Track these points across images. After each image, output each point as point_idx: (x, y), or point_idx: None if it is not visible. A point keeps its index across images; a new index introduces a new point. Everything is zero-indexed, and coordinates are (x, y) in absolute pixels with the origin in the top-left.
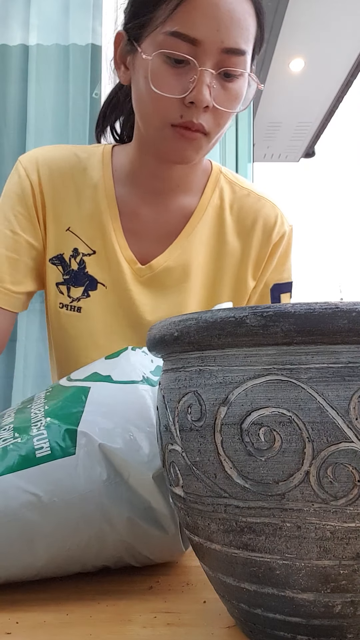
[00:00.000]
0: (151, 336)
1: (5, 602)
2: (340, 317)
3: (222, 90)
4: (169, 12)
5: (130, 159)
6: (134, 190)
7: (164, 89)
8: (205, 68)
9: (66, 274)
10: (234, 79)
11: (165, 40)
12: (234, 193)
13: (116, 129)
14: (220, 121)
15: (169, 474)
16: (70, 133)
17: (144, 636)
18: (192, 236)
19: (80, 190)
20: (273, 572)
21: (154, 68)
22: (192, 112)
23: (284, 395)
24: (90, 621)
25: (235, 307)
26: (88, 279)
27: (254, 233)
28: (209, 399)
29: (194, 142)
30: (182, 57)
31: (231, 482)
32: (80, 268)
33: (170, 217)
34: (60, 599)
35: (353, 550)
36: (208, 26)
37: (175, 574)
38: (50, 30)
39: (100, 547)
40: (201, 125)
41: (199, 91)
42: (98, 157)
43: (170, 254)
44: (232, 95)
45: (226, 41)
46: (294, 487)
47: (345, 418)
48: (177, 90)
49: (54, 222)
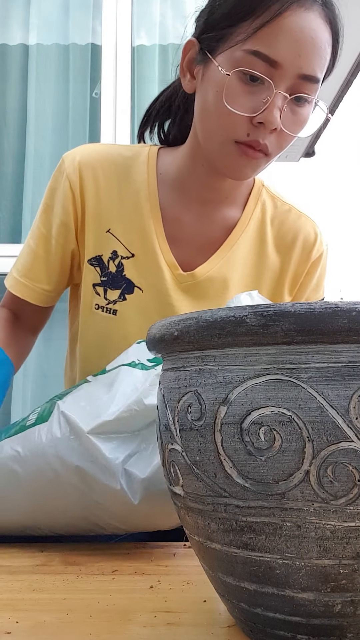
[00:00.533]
0: (151, 336)
1: (5, 602)
2: (340, 316)
3: (291, 114)
4: (253, 31)
5: (178, 165)
6: (179, 196)
7: (235, 106)
8: (280, 91)
9: (104, 275)
10: (304, 104)
11: (244, 57)
12: (275, 208)
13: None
14: (282, 144)
15: (169, 473)
16: (70, 133)
17: (144, 636)
18: (234, 248)
19: (123, 191)
20: (273, 572)
21: (229, 83)
22: (259, 132)
23: (284, 395)
24: (90, 621)
25: (235, 306)
26: (125, 282)
27: (294, 249)
28: (209, 398)
29: (254, 162)
30: (259, 76)
31: (231, 482)
32: (118, 271)
33: (213, 227)
34: (60, 599)
35: (353, 549)
36: (290, 50)
37: (175, 573)
38: (50, 30)
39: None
40: (265, 146)
41: (270, 113)
42: (143, 158)
43: (213, 264)
44: (299, 120)
45: (305, 67)
46: (294, 487)
47: (345, 417)
48: (249, 108)
49: (94, 223)
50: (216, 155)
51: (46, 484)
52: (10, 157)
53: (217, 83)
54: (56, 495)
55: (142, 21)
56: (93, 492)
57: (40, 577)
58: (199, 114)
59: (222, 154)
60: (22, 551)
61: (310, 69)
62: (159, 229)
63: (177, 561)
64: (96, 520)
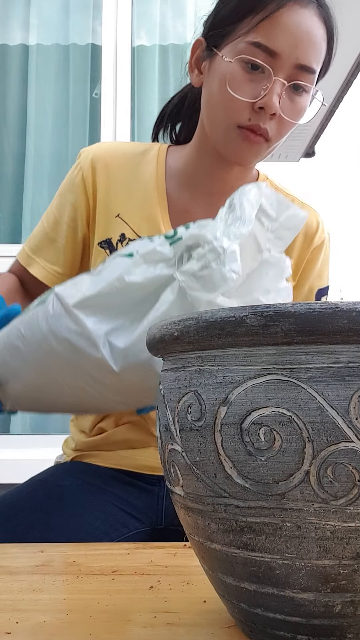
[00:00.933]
0: (151, 336)
1: (5, 603)
2: (340, 317)
3: (289, 102)
4: (254, 25)
5: (185, 159)
6: (185, 189)
7: (238, 92)
8: (278, 78)
9: None
10: (301, 93)
11: (246, 48)
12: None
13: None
14: (282, 130)
15: (169, 473)
16: (70, 133)
17: (144, 636)
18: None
19: (133, 181)
20: (273, 572)
21: (232, 71)
22: (259, 117)
23: (284, 395)
24: (90, 621)
25: (235, 307)
26: None
27: (297, 237)
28: (209, 398)
29: (255, 146)
30: (260, 64)
31: (231, 482)
32: None
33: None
34: (60, 599)
35: (353, 550)
36: (287, 42)
37: (175, 573)
38: (50, 30)
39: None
40: (266, 130)
41: (270, 98)
42: (153, 152)
43: None
44: (297, 108)
45: (301, 58)
46: (294, 487)
47: (345, 418)
48: (250, 94)
49: (105, 209)
50: (221, 142)
51: (44, 357)
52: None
53: (222, 73)
54: (55, 368)
55: (142, 21)
56: (83, 362)
57: (40, 577)
58: (205, 105)
59: (227, 140)
60: (22, 551)
61: (306, 59)
62: (166, 217)
63: (177, 561)
64: (93, 392)
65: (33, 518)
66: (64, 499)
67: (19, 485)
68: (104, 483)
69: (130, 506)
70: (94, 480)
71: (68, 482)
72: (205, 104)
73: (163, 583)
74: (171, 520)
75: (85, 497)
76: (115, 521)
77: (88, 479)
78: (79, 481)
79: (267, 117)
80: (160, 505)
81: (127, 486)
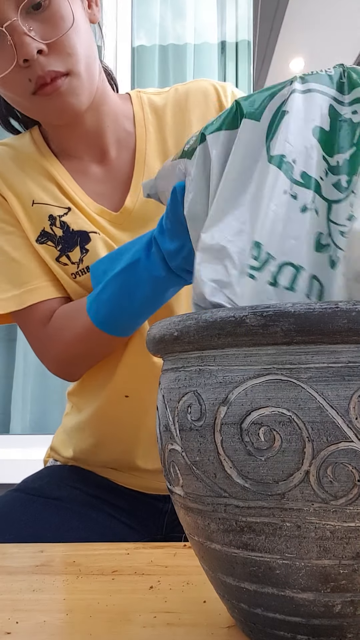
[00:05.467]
0: (151, 336)
1: (5, 603)
2: (340, 316)
3: (42, 24)
4: None
5: (51, 137)
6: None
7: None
8: (6, 22)
9: (57, 244)
10: (43, 7)
11: None
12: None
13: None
14: (65, 50)
15: (169, 473)
16: None
17: (144, 636)
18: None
19: (26, 168)
20: (273, 572)
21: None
22: (34, 68)
23: (284, 395)
24: (90, 621)
25: (235, 307)
26: (77, 235)
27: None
28: (209, 398)
29: (62, 90)
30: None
31: (231, 482)
32: (66, 230)
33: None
34: (60, 599)
35: (353, 549)
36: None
37: (175, 573)
38: None
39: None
40: (52, 71)
41: (20, 46)
42: (27, 138)
43: (136, 189)
44: (53, 22)
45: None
46: (294, 487)
47: (345, 418)
48: (5, 65)
49: (19, 206)
50: (38, 116)
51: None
52: None
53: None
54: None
55: (142, 21)
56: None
57: (40, 577)
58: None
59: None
60: (22, 551)
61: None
62: (75, 186)
63: (177, 561)
64: None
65: (26, 533)
66: (60, 513)
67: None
68: (103, 493)
69: (131, 517)
70: (92, 491)
71: (65, 492)
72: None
73: (163, 583)
74: (171, 530)
75: (83, 510)
76: (113, 536)
77: (86, 489)
78: (77, 492)
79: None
80: (162, 519)
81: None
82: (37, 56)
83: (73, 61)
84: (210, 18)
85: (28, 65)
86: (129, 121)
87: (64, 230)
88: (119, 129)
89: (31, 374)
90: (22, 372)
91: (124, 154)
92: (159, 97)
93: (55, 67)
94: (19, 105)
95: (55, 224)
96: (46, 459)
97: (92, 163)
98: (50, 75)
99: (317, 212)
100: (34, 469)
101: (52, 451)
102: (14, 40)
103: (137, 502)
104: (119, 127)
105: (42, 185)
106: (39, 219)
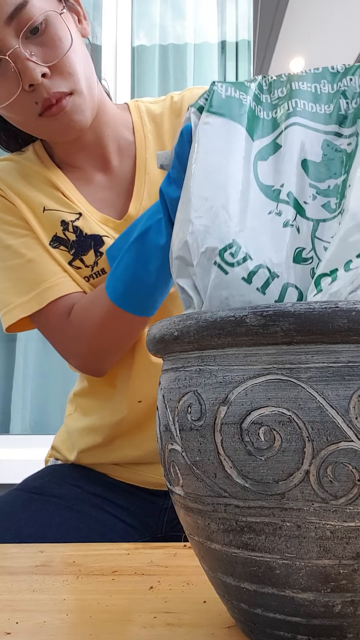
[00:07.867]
0: (151, 336)
1: (5, 603)
2: (340, 316)
3: (42, 48)
4: None
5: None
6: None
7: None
8: (9, 51)
9: (70, 248)
10: (41, 31)
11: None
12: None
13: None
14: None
15: (169, 473)
16: None
17: (144, 636)
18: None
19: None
20: (273, 572)
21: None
22: (39, 92)
23: (284, 395)
24: (90, 621)
25: (235, 307)
26: (91, 238)
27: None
28: (209, 398)
29: (68, 109)
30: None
31: (231, 482)
32: (78, 234)
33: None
34: (60, 599)
35: (353, 549)
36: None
37: (175, 574)
38: None
39: None
40: (57, 92)
41: (25, 71)
42: (30, 152)
43: (139, 196)
44: (52, 44)
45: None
46: (294, 487)
47: (345, 417)
48: (11, 90)
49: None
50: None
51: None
52: None
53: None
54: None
55: (142, 21)
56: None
57: (40, 577)
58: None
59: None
60: (22, 551)
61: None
62: (79, 196)
63: (177, 561)
64: None
65: (28, 532)
66: (61, 511)
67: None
68: (103, 491)
69: (131, 515)
70: (93, 489)
71: (66, 490)
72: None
73: (163, 583)
74: (171, 528)
75: (84, 508)
76: (113, 534)
77: (87, 487)
78: (77, 490)
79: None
80: (162, 516)
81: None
82: (41, 80)
83: (75, 80)
84: (210, 18)
85: (33, 90)
86: (129, 130)
87: (77, 234)
88: (119, 138)
89: (31, 374)
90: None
91: (125, 162)
92: (156, 106)
93: (59, 89)
94: (25, 127)
95: (67, 229)
96: (47, 458)
97: (94, 172)
98: (56, 96)
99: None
100: (34, 469)
101: (54, 450)
102: (18, 67)
103: (137, 498)
104: (119, 136)
105: (50, 194)
106: (51, 224)
